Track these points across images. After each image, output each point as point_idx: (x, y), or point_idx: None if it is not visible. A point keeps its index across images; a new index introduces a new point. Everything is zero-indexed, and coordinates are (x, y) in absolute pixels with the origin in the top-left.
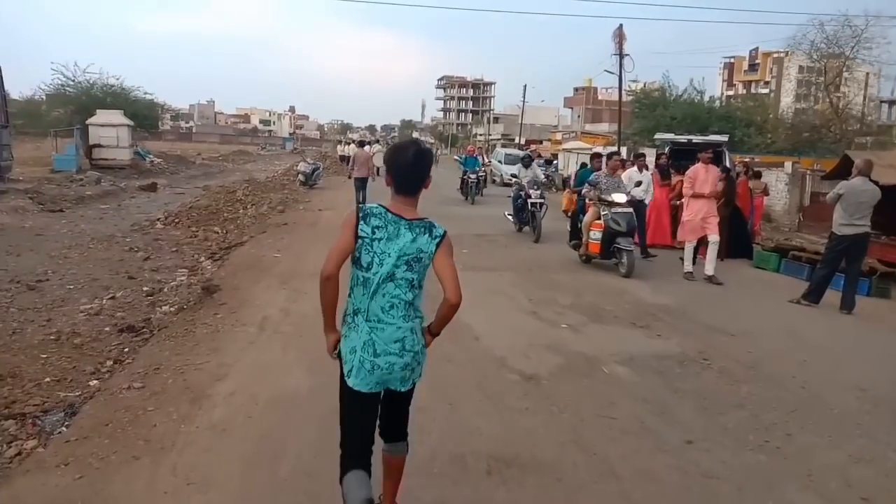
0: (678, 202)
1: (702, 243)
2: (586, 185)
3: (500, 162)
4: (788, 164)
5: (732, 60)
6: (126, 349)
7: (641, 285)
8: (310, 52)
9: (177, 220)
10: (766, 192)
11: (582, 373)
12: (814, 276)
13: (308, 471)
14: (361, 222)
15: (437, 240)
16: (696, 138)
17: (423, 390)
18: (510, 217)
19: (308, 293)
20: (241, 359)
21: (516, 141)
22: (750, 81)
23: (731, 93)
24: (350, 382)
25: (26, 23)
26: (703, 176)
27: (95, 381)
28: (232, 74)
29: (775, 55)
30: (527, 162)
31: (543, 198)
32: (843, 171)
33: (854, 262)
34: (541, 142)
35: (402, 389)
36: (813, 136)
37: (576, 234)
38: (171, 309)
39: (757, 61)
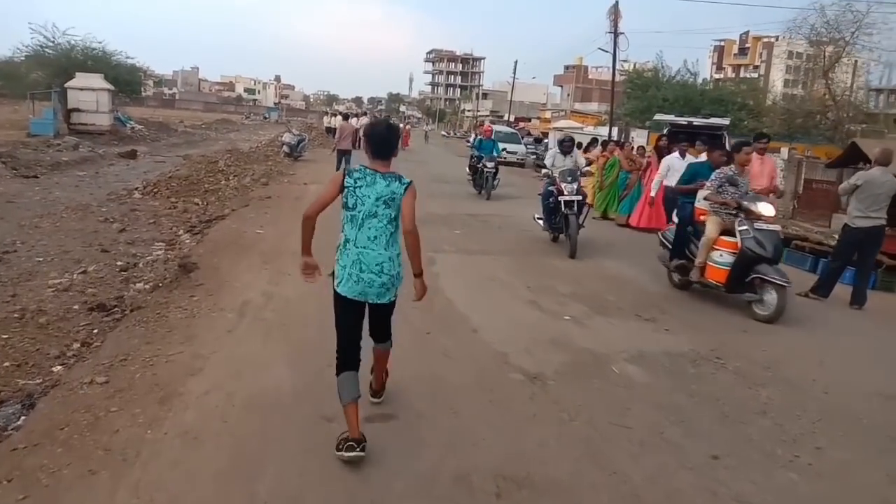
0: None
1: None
2: (709, 184)
3: None
4: (785, 150)
5: (723, 44)
6: (95, 330)
7: (643, 273)
8: (297, 21)
9: (156, 190)
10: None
11: (590, 372)
12: (824, 269)
13: (291, 494)
14: (347, 177)
15: (406, 185)
16: (697, 120)
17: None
18: (540, 221)
19: (292, 275)
20: (217, 350)
21: (505, 118)
22: (739, 65)
23: (720, 76)
24: (340, 290)
25: None
26: (757, 168)
27: (59, 367)
28: (217, 42)
29: (765, 40)
30: (567, 147)
31: (582, 195)
32: (849, 159)
33: (868, 256)
34: (529, 119)
35: (380, 302)
36: (807, 123)
37: (679, 251)
38: (146, 286)
39: (747, 45)
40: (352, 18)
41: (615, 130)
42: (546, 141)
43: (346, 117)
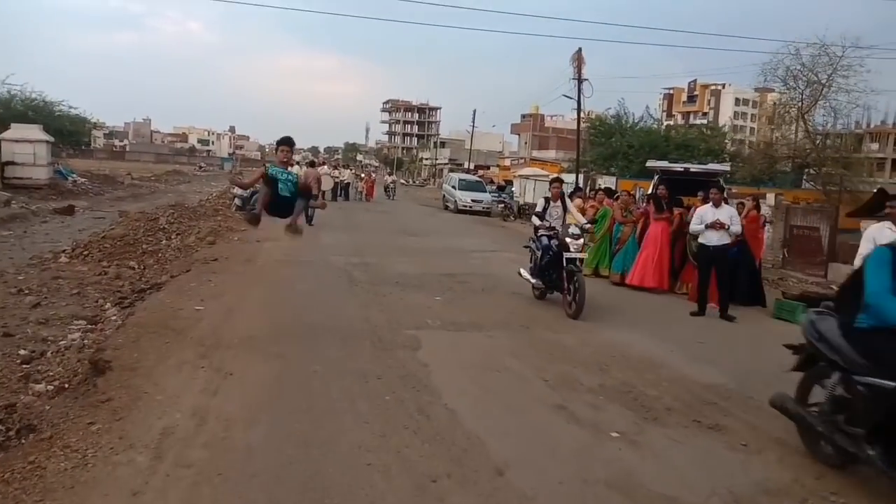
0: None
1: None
2: None
3: (453, 187)
4: (771, 196)
5: (671, 91)
6: None
7: (671, 351)
8: (252, 72)
9: (86, 253)
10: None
11: None
12: None
13: None
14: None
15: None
16: (694, 167)
17: None
18: (527, 277)
19: (236, 375)
20: None
21: (465, 166)
22: (689, 112)
23: (670, 122)
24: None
25: None
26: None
27: None
28: (170, 93)
29: (713, 87)
30: (555, 190)
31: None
32: (875, 207)
33: None
34: (488, 167)
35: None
36: (785, 166)
37: None
38: (49, 388)
39: (695, 93)
40: (307, 69)
41: (580, 178)
42: (511, 188)
43: (311, 164)
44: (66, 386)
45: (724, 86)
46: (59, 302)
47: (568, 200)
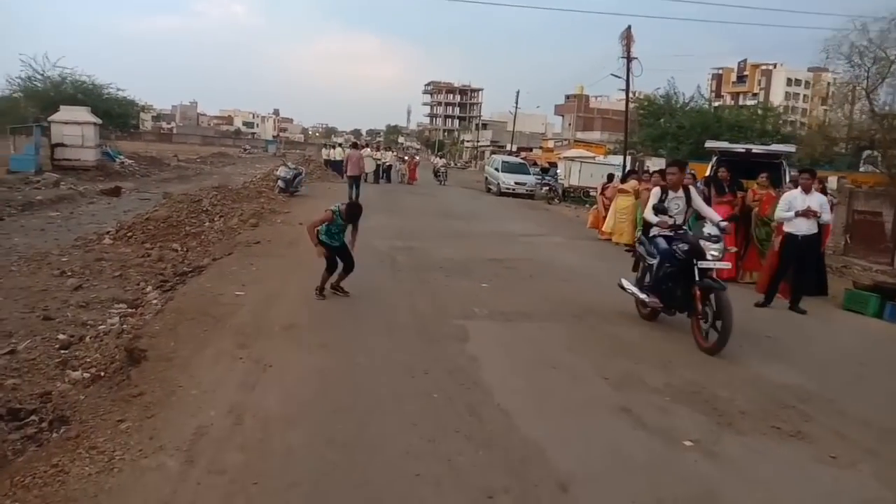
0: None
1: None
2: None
3: (496, 170)
4: (833, 180)
5: (721, 72)
6: None
7: (738, 345)
8: (295, 56)
9: (130, 234)
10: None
11: None
12: None
13: None
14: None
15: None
16: (757, 148)
17: None
18: (633, 291)
19: (276, 367)
20: None
21: (507, 148)
22: (738, 93)
23: (718, 104)
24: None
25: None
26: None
27: None
28: (216, 76)
29: (763, 67)
30: (673, 175)
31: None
32: None
33: None
34: (531, 149)
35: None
36: (842, 148)
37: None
38: (85, 376)
39: (745, 73)
40: (349, 52)
41: (629, 159)
42: (556, 170)
43: (354, 146)
44: (102, 374)
45: (775, 66)
46: (100, 284)
47: (694, 191)
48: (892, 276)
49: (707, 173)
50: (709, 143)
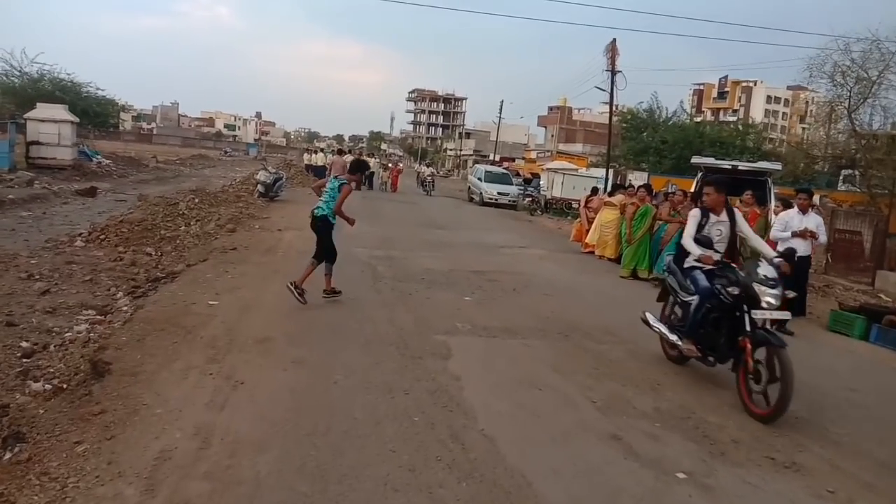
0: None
1: None
2: None
3: (480, 179)
4: (816, 198)
5: (702, 87)
6: None
7: (726, 367)
8: (279, 59)
9: (102, 237)
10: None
11: None
12: None
13: None
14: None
15: (340, 182)
16: (744, 165)
17: None
18: (661, 330)
19: (248, 385)
20: None
21: (490, 157)
22: (718, 108)
23: (699, 119)
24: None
25: None
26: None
27: None
28: (199, 78)
29: (744, 84)
30: (714, 194)
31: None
32: None
33: None
34: (514, 160)
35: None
36: (822, 166)
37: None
38: (47, 387)
39: (726, 89)
40: (333, 57)
41: (611, 173)
42: (539, 181)
43: (340, 152)
44: (65, 387)
45: (755, 83)
46: (69, 289)
47: (740, 216)
48: (872, 296)
49: (692, 189)
50: (695, 159)
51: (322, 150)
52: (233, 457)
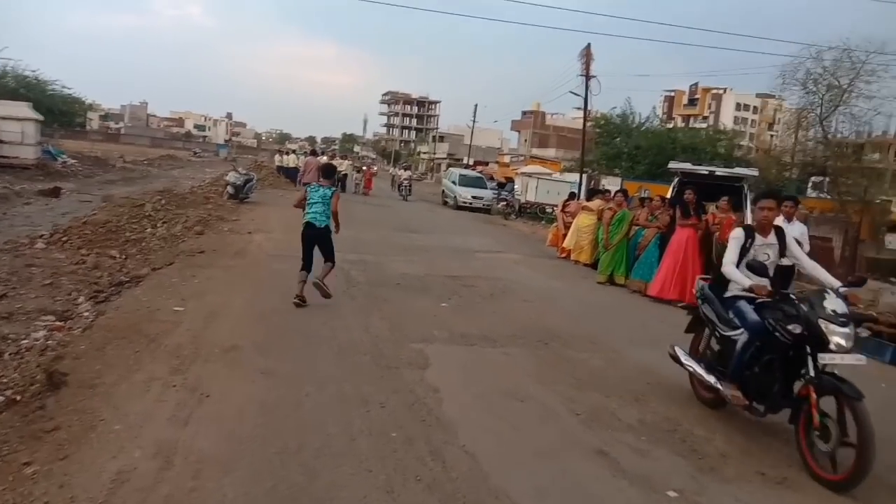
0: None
1: None
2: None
3: (454, 183)
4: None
5: (673, 94)
6: None
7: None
8: (251, 59)
9: (65, 239)
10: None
11: None
12: None
13: None
14: (309, 188)
15: (332, 190)
16: (721, 170)
17: None
18: (696, 370)
19: (214, 397)
20: None
21: (464, 161)
22: (689, 115)
23: (670, 125)
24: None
25: None
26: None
27: None
28: (169, 77)
29: (714, 91)
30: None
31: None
32: None
33: None
34: (487, 163)
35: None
36: (792, 173)
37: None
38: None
39: (696, 96)
40: (305, 58)
41: (583, 178)
42: (513, 185)
43: (313, 153)
44: (19, 399)
45: (725, 90)
46: (28, 293)
47: (790, 235)
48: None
49: (669, 194)
50: (672, 164)
51: (294, 151)
52: (196, 478)
